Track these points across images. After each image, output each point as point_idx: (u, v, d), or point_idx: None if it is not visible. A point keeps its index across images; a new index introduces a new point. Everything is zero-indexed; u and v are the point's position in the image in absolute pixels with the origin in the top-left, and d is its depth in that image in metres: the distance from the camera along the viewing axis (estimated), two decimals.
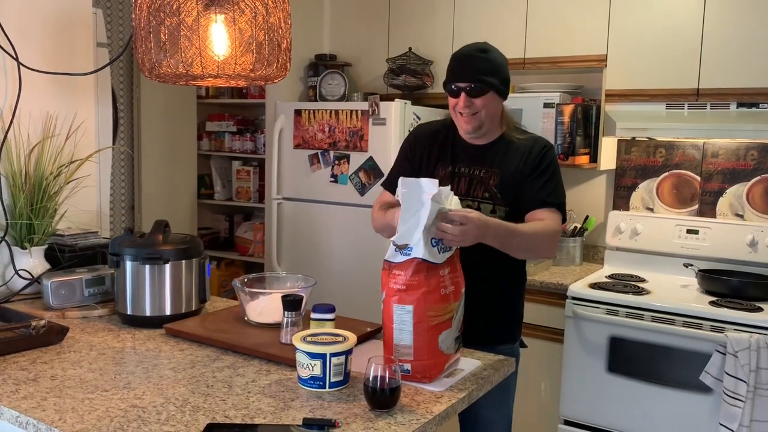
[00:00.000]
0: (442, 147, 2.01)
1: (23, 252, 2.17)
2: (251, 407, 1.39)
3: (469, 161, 1.97)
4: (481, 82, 1.86)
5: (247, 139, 4.30)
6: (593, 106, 3.04)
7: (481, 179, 1.94)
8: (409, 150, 2.06)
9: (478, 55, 1.89)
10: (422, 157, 2.03)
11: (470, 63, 1.88)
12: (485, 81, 1.86)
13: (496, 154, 1.95)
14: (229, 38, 1.65)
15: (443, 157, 2.00)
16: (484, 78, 1.86)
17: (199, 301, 2.02)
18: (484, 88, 1.86)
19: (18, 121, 2.22)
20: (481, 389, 1.58)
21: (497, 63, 1.91)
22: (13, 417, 1.35)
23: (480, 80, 1.86)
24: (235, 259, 4.37)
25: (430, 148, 2.02)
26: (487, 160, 1.95)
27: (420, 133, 2.09)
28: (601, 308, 2.64)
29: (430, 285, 1.52)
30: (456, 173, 1.97)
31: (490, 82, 1.87)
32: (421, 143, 2.05)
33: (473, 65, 1.87)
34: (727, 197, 2.97)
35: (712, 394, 2.41)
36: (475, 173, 1.95)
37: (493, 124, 1.94)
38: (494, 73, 1.88)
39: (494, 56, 1.91)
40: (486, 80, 1.86)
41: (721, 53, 2.68)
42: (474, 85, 1.86)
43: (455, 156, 1.99)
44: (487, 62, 1.88)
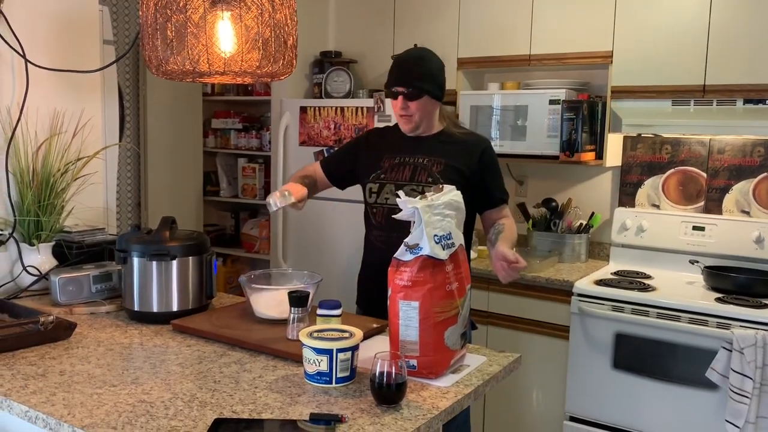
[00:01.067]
0: (389, 142, 2.22)
1: (31, 248, 2.18)
2: (258, 402, 1.40)
3: (413, 151, 2.17)
4: (417, 87, 2.07)
5: (253, 137, 4.31)
6: (599, 103, 3.04)
7: (424, 166, 2.14)
8: (361, 145, 2.29)
9: (416, 63, 2.10)
10: (371, 151, 2.24)
11: (408, 69, 2.10)
12: (420, 87, 2.07)
13: (438, 144, 2.16)
14: (236, 35, 1.65)
15: (389, 149, 2.21)
16: (419, 84, 2.07)
17: (206, 297, 2.03)
18: (419, 93, 2.07)
19: (26, 118, 2.23)
20: (488, 385, 1.58)
21: (433, 70, 2.12)
22: (22, 412, 1.36)
23: (415, 86, 2.07)
24: (241, 255, 4.38)
25: (377, 143, 2.25)
26: (429, 149, 2.16)
27: (373, 130, 2.36)
28: (607, 305, 2.64)
29: (435, 281, 1.53)
30: (401, 162, 2.17)
31: (425, 88, 2.08)
32: (373, 140, 2.28)
33: (410, 72, 2.09)
34: (734, 194, 2.96)
35: (718, 391, 2.41)
36: (419, 161, 2.15)
37: (429, 122, 2.17)
38: (430, 79, 2.09)
39: (430, 64, 2.12)
40: (421, 86, 2.07)
41: (727, 49, 2.67)
42: (410, 90, 2.07)
43: (400, 148, 2.19)
44: (423, 69, 2.10)
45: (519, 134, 3.09)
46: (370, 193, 2.19)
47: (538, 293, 2.87)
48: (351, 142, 2.37)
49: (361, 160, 2.26)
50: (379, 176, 2.17)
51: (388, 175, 2.16)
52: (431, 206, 1.57)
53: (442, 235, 1.57)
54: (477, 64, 3.31)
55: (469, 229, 2.22)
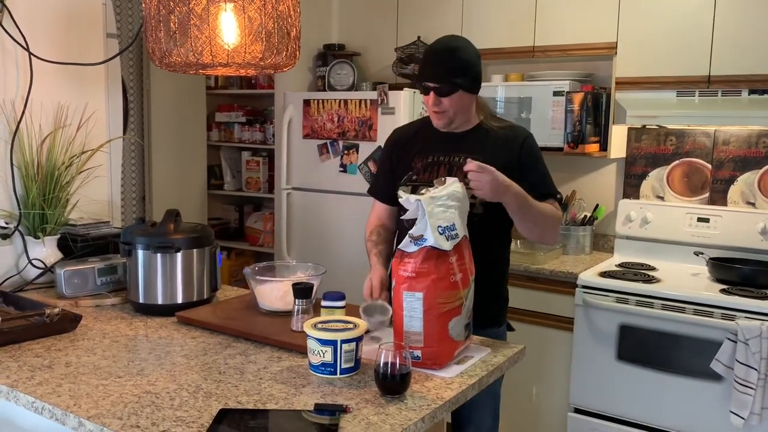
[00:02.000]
0: (419, 141, 2.05)
1: (36, 241, 2.19)
2: (263, 393, 1.40)
3: (448, 149, 1.99)
4: (449, 82, 1.88)
5: (257, 130, 4.31)
6: (603, 94, 3.03)
7: (460, 165, 1.91)
8: (390, 153, 2.11)
9: (448, 54, 1.91)
10: (400, 156, 2.06)
11: (440, 62, 1.91)
12: (453, 81, 1.88)
13: (475, 141, 1.98)
14: (239, 26, 1.65)
15: (420, 149, 2.03)
16: (452, 78, 1.88)
17: (211, 289, 2.03)
18: (452, 88, 1.89)
19: (30, 112, 2.23)
20: (492, 376, 1.59)
21: (467, 61, 1.92)
22: (29, 402, 1.37)
23: (448, 80, 1.88)
24: (245, 249, 4.39)
25: (407, 146, 2.06)
26: (466, 147, 1.97)
27: (397, 135, 2.14)
28: (611, 296, 2.64)
29: (440, 272, 1.53)
30: (434, 162, 1.98)
31: (458, 82, 1.89)
32: (399, 144, 2.09)
33: (442, 64, 1.90)
34: (739, 185, 2.95)
35: (723, 382, 2.41)
36: (455, 160, 1.97)
37: (464, 117, 1.98)
38: (463, 72, 1.90)
39: (464, 54, 1.92)
40: (454, 81, 1.88)
41: (732, 39, 2.66)
42: (442, 85, 1.89)
43: (432, 146, 2.01)
44: (456, 61, 1.90)
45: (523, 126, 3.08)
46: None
47: (542, 285, 2.87)
48: (382, 159, 2.15)
49: (395, 166, 2.06)
50: (410, 178, 1.99)
51: (421, 177, 1.96)
52: (434, 198, 1.57)
53: (445, 226, 1.57)
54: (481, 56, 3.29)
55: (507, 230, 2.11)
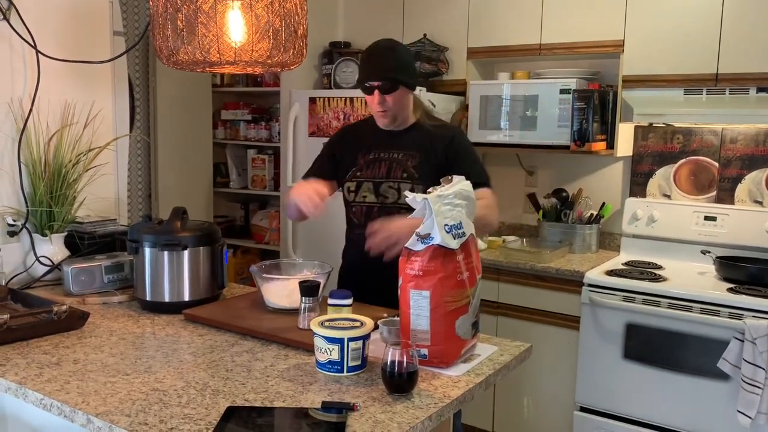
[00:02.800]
0: (363, 138, 2.19)
1: (43, 239, 2.20)
2: (270, 391, 1.41)
3: (388, 147, 2.14)
4: (391, 79, 2.02)
5: (262, 128, 4.31)
6: (610, 92, 3.02)
7: (399, 161, 2.11)
8: (336, 145, 2.24)
9: (387, 54, 2.06)
10: (346, 150, 2.20)
11: (381, 61, 2.05)
12: (395, 78, 2.02)
13: (413, 138, 2.13)
14: (246, 25, 1.65)
15: (363, 147, 2.17)
16: (393, 75, 2.02)
17: (218, 287, 2.04)
18: (394, 84, 2.03)
19: (37, 110, 2.24)
20: (498, 374, 1.59)
21: (405, 59, 2.08)
22: (37, 399, 1.37)
23: (390, 78, 2.02)
24: (251, 246, 4.39)
25: (353, 142, 2.21)
26: (404, 144, 2.13)
27: (346, 130, 2.30)
28: (618, 295, 2.63)
29: (446, 270, 1.53)
30: (376, 158, 2.14)
31: (400, 78, 2.03)
32: (347, 139, 2.24)
33: (383, 64, 2.04)
34: (746, 183, 2.94)
35: (730, 382, 2.40)
36: (394, 156, 2.12)
37: (405, 114, 2.13)
38: (403, 69, 2.05)
39: (402, 53, 2.09)
40: (395, 77, 2.02)
41: (740, 37, 2.64)
42: (384, 82, 2.02)
43: (375, 144, 2.15)
44: (396, 59, 2.05)
45: (529, 124, 3.08)
46: (348, 192, 2.17)
47: (548, 284, 2.86)
48: (326, 145, 2.30)
49: (339, 159, 2.21)
50: (355, 174, 2.15)
51: (364, 173, 2.13)
52: (441, 196, 1.57)
53: (452, 224, 1.56)
54: (487, 54, 3.29)
55: None
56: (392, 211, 2.06)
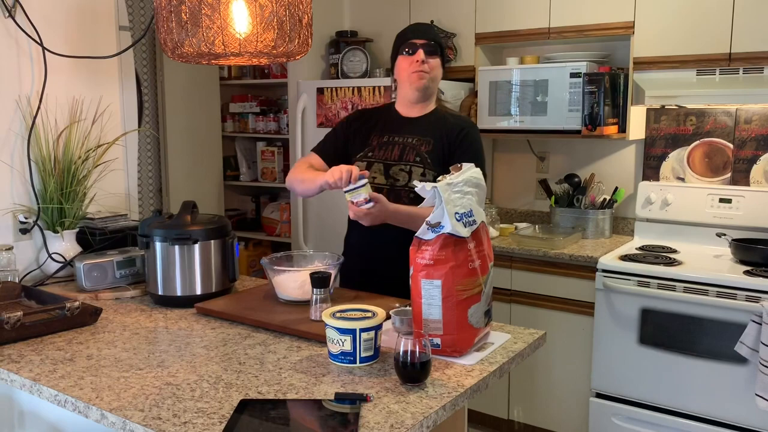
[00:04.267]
0: (377, 120, 2.19)
1: (55, 236, 2.20)
2: (283, 383, 1.40)
3: (402, 131, 2.14)
4: (436, 41, 2.10)
5: (271, 120, 4.30)
6: (621, 75, 2.97)
7: (413, 146, 2.11)
8: (348, 124, 2.23)
9: (432, 26, 2.19)
10: (358, 130, 2.19)
11: (425, 28, 2.15)
12: (439, 43, 2.10)
13: (429, 124, 2.13)
14: (250, 15, 1.64)
15: (377, 129, 2.17)
16: (437, 39, 2.11)
17: (229, 280, 2.04)
18: (438, 48, 2.09)
19: (45, 107, 2.24)
20: (512, 362, 1.57)
21: (441, 39, 2.19)
22: (52, 396, 1.38)
23: (436, 41, 2.10)
24: (263, 239, 4.40)
25: (368, 123, 2.20)
26: (420, 129, 2.13)
27: (360, 111, 2.30)
28: (632, 280, 2.61)
29: (458, 259, 1.51)
30: (389, 141, 2.14)
31: (443, 44, 2.12)
32: (361, 119, 2.22)
33: (429, 30, 2.14)
34: (761, 164, 2.89)
35: (748, 365, 2.37)
36: (408, 140, 2.12)
37: (434, 90, 2.16)
38: (442, 43, 2.14)
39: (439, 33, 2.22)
40: (439, 41, 2.11)
41: (754, 15, 2.59)
42: (431, 42, 2.08)
43: (389, 127, 2.16)
44: (438, 33, 2.18)
45: (540, 109, 3.05)
46: None
47: (561, 270, 2.84)
48: (340, 123, 2.28)
49: (351, 138, 2.20)
50: (366, 154, 2.13)
51: (376, 153, 2.12)
52: (451, 184, 1.55)
53: (463, 212, 1.55)
54: (495, 39, 3.25)
55: None
56: (401, 193, 2.05)
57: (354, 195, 1.78)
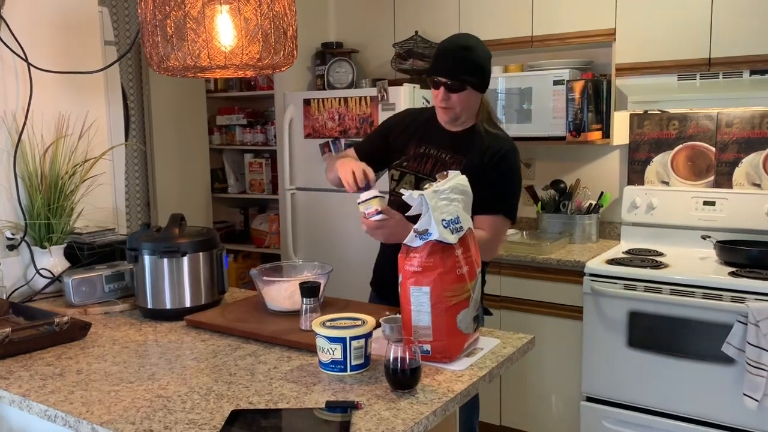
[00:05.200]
0: (417, 127, 2.14)
1: (43, 251, 2.20)
2: (274, 393, 1.41)
3: (440, 145, 2.09)
4: (460, 79, 1.96)
5: (258, 131, 4.31)
6: (603, 81, 3.01)
7: (445, 163, 2.06)
8: (394, 127, 2.18)
9: (461, 54, 1.98)
10: (400, 134, 2.16)
11: (452, 60, 1.98)
12: (464, 79, 1.96)
13: (465, 142, 2.07)
14: (235, 28, 1.65)
15: (417, 137, 2.13)
16: (463, 76, 1.96)
17: (218, 292, 2.04)
18: (461, 85, 1.97)
19: (31, 122, 2.24)
20: (502, 367, 1.58)
21: (479, 61, 1.99)
22: (41, 411, 1.37)
23: (459, 78, 1.96)
24: (252, 251, 4.39)
25: (411, 128, 2.15)
26: (456, 146, 2.07)
27: (408, 111, 2.25)
28: (620, 284, 2.63)
29: (446, 265, 1.53)
30: (425, 153, 2.10)
31: (469, 80, 1.97)
32: (405, 122, 2.18)
33: (455, 63, 1.97)
34: (744, 167, 2.93)
35: (735, 365, 2.40)
36: (442, 156, 2.08)
37: (469, 115, 2.06)
38: (474, 71, 1.98)
39: (477, 54, 1.99)
40: (465, 78, 1.96)
41: (731, 21, 2.64)
42: (452, 81, 1.97)
43: (429, 138, 2.11)
44: (468, 61, 1.97)
45: (525, 117, 3.08)
46: (391, 180, 2.16)
47: (549, 275, 2.86)
48: (385, 123, 2.23)
49: (391, 140, 2.15)
50: (401, 163, 2.12)
51: (410, 164, 2.10)
52: (437, 192, 1.57)
53: (450, 219, 1.56)
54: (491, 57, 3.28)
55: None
56: None
57: (366, 206, 1.78)
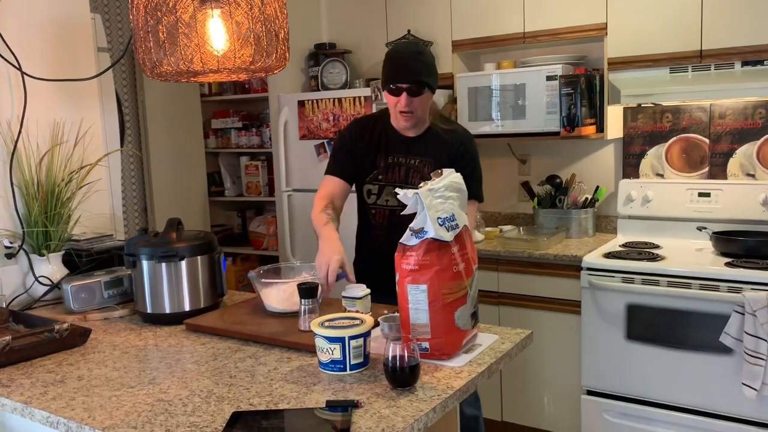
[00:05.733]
0: (379, 139, 2.19)
1: (41, 259, 2.20)
2: (275, 394, 1.41)
3: (404, 152, 2.17)
4: (419, 82, 2.04)
5: (253, 134, 4.32)
6: (596, 76, 3.02)
7: (416, 167, 2.14)
8: (350, 142, 2.22)
9: (417, 57, 2.06)
10: (365, 149, 2.19)
11: (409, 65, 2.05)
12: (423, 81, 2.04)
13: (427, 145, 2.15)
14: (227, 32, 1.66)
15: (380, 148, 2.18)
16: (423, 79, 2.04)
17: (217, 295, 2.04)
18: (420, 87, 2.04)
19: (26, 131, 2.24)
20: (501, 362, 1.59)
21: (431, 63, 2.10)
22: (44, 418, 1.38)
23: (418, 81, 2.04)
24: (250, 253, 4.40)
25: (369, 140, 2.20)
26: (419, 150, 2.15)
27: (360, 125, 2.25)
28: (617, 277, 2.64)
29: (442, 263, 1.54)
30: (395, 162, 2.17)
31: (427, 81, 2.05)
32: (362, 135, 2.21)
33: (411, 66, 2.05)
34: (737, 157, 2.95)
35: (733, 355, 2.41)
36: (411, 162, 2.16)
37: (426, 117, 2.14)
38: (430, 73, 2.07)
39: (428, 57, 2.10)
40: (423, 80, 2.04)
41: (721, 12, 2.65)
42: (413, 85, 2.03)
43: (391, 147, 2.18)
44: (424, 64, 2.06)
45: (519, 113, 3.09)
46: (369, 195, 2.20)
47: (547, 270, 2.87)
48: (342, 141, 2.25)
49: (359, 156, 2.20)
50: (376, 177, 2.18)
51: (385, 176, 2.17)
52: (432, 190, 1.58)
53: (445, 217, 1.57)
54: (472, 46, 3.30)
55: None
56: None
57: (350, 303, 1.76)
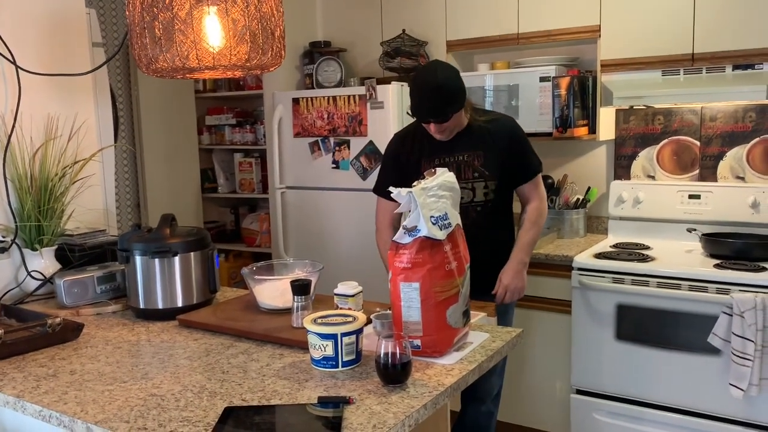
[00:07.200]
0: (421, 145, 2.29)
1: (34, 253, 2.20)
2: (267, 390, 1.42)
3: (449, 150, 2.25)
4: (445, 114, 2.14)
5: (247, 131, 4.32)
6: (589, 78, 3.05)
7: (467, 162, 2.24)
8: (393, 156, 2.36)
9: (437, 94, 2.11)
10: (407, 160, 2.30)
11: (428, 105, 2.13)
12: (451, 111, 2.14)
13: (472, 139, 2.26)
14: (223, 29, 1.66)
15: (424, 152, 2.27)
16: (446, 109, 2.13)
17: (210, 291, 2.05)
18: (446, 117, 2.15)
19: (20, 125, 2.24)
20: (491, 360, 1.61)
21: (453, 90, 2.14)
22: (36, 411, 1.39)
23: (444, 113, 2.14)
24: (243, 250, 4.40)
25: (411, 150, 2.31)
26: (465, 146, 2.25)
27: (400, 136, 2.39)
28: (607, 277, 2.66)
29: (434, 261, 1.55)
30: (442, 163, 2.24)
31: (452, 110, 2.14)
32: (403, 143, 2.34)
33: (435, 103, 2.13)
34: (728, 160, 2.97)
35: (721, 356, 2.44)
36: (460, 159, 2.24)
37: (461, 124, 2.24)
38: (454, 102, 2.14)
39: (449, 86, 2.12)
40: (447, 111, 2.14)
41: (714, 16, 2.68)
42: (440, 118, 2.15)
43: (434, 150, 2.26)
44: (445, 98, 2.12)
45: (512, 113, 3.09)
46: None
47: (538, 270, 2.89)
48: (386, 157, 2.41)
49: (402, 165, 2.30)
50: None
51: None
52: (425, 189, 1.59)
53: (438, 215, 1.59)
54: (466, 46, 3.31)
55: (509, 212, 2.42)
56: (468, 209, 2.21)
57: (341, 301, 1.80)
